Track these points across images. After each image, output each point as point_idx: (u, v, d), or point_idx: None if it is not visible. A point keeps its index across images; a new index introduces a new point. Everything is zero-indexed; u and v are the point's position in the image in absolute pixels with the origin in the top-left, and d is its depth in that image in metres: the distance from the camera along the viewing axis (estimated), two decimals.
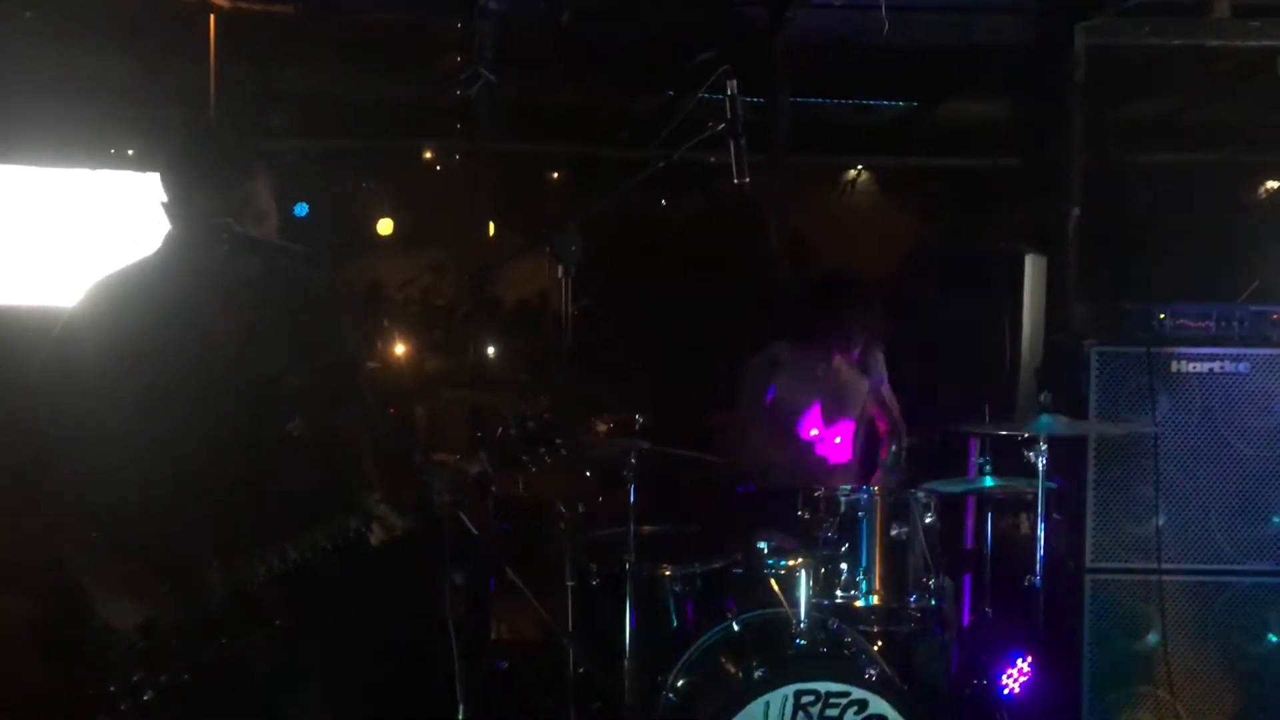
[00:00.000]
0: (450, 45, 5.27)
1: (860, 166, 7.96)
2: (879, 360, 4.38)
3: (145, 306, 2.46)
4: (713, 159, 3.53)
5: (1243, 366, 3.77)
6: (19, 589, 2.49)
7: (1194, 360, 3.78)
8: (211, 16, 5.18)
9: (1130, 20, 4.70)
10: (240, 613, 2.45)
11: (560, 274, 3.45)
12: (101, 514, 2.44)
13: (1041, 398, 3.67)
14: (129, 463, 2.43)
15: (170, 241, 2.53)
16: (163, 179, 2.49)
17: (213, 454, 2.45)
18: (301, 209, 6.50)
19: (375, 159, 7.65)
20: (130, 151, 5.78)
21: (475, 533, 2.51)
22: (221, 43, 5.23)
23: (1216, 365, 3.76)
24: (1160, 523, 3.75)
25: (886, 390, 4.40)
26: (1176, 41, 4.79)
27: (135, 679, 2.40)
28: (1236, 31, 4.80)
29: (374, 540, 2.49)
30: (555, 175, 8.33)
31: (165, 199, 2.50)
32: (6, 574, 2.60)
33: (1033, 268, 4.44)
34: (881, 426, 4.40)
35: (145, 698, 2.40)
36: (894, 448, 3.66)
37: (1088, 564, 3.81)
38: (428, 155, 7.72)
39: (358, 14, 5.32)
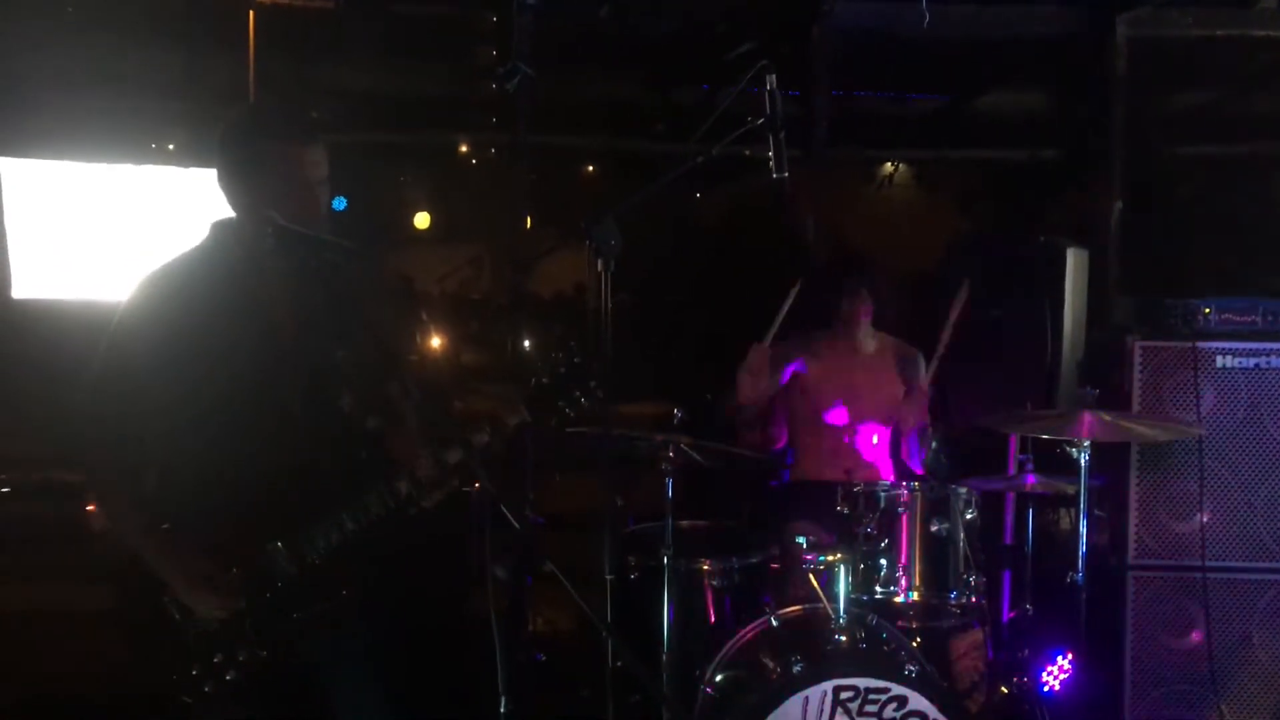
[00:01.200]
0: (487, 39, 5.28)
1: (898, 160, 7.90)
2: (920, 370, 4.33)
3: (201, 294, 2.51)
4: (749, 153, 3.53)
5: None
6: (104, 579, 2.55)
7: (1239, 355, 3.75)
8: (250, 11, 5.22)
9: (1173, 11, 4.63)
10: (307, 587, 2.50)
11: (599, 267, 3.47)
12: (167, 504, 2.49)
13: (1084, 393, 3.65)
14: (191, 452, 2.48)
15: (221, 228, 2.58)
16: (224, 150, 2.54)
17: (273, 436, 2.52)
18: (340, 203, 6.53)
19: (413, 153, 7.67)
20: (171, 146, 5.83)
21: (516, 525, 2.53)
22: (260, 37, 5.27)
23: (1262, 360, 3.72)
24: (1204, 519, 3.71)
25: (919, 397, 4.33)
26: (1220, 32, 4.71)
27: (216, 660, 2.45)
28: None
29: (427, 502, 2.54)
30: (591, 169, 8.32)
31: (224, 174, 2.54)
32: (93, 564, 2.67)
33: (1074, 261, 4.39)
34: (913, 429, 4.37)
35: (228, 677, 2.45)
36: (932, 444, 3.64)
37: (1131, 561, 3.78)
38: (464, 149, 7.74)
39: (395, 7, 5.34)
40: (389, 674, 2.69)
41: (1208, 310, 3.79)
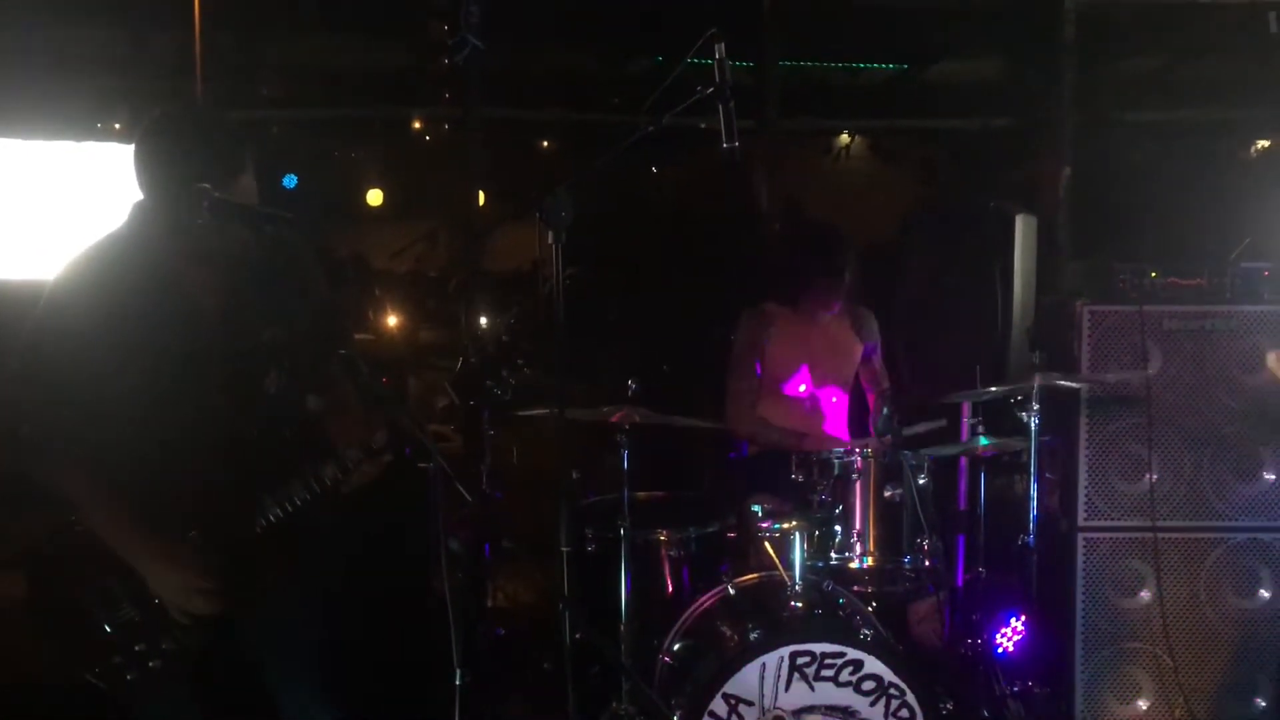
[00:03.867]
0: (439, 12, 5.22)
1: (852, 130, 7.92)
2: (873, 326, 4.37)
3: (125, 276, 2.46)
4: (704, 124, 3.52)
5: (1233, 324, 3.77)
6: (13, 568, 2.50)
7: (1185, 318, 3.79)
8: None
9: None
10: (230, 574, 2.47)
11: (550, 240, 3.45)
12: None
13: (1035, 357, 3.69)
14: (117, 434, 2.44)
15: (143, 211, 2.53)
16: (142, 162, 2.49)
17: (197, 417, 2.47)
18: (290, 180, 6.48)
19: (364, 129, 7.60)
20: (117, 125, 5.74)
21: (469, 499, 2.52)
22: (207, 13, 5.18)
23: (1207, 322, 3.77)
24: (1153, 480, 3.77)
25: (878, 360, 4.40)
26: None
27: (138, 649, 2.42)
28: None
29: (349, 486, 2.51)
30: (546, 143, 8.28)
31: (140, 170, 2.49)
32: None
33: (1023, 228, 4.43)
34: (869, 397, 4.40)
35: (151, 665, 2.43)
36: (885, 410, 3.67)
37: (1080, 522, 3.83)
38: (417, 125, 7.67)
39: None
40: (329, 656, 2.67)
41: (1154, 274, 3.83)
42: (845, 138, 8.07)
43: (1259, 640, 3.79)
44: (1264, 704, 3.75)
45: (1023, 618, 3.92)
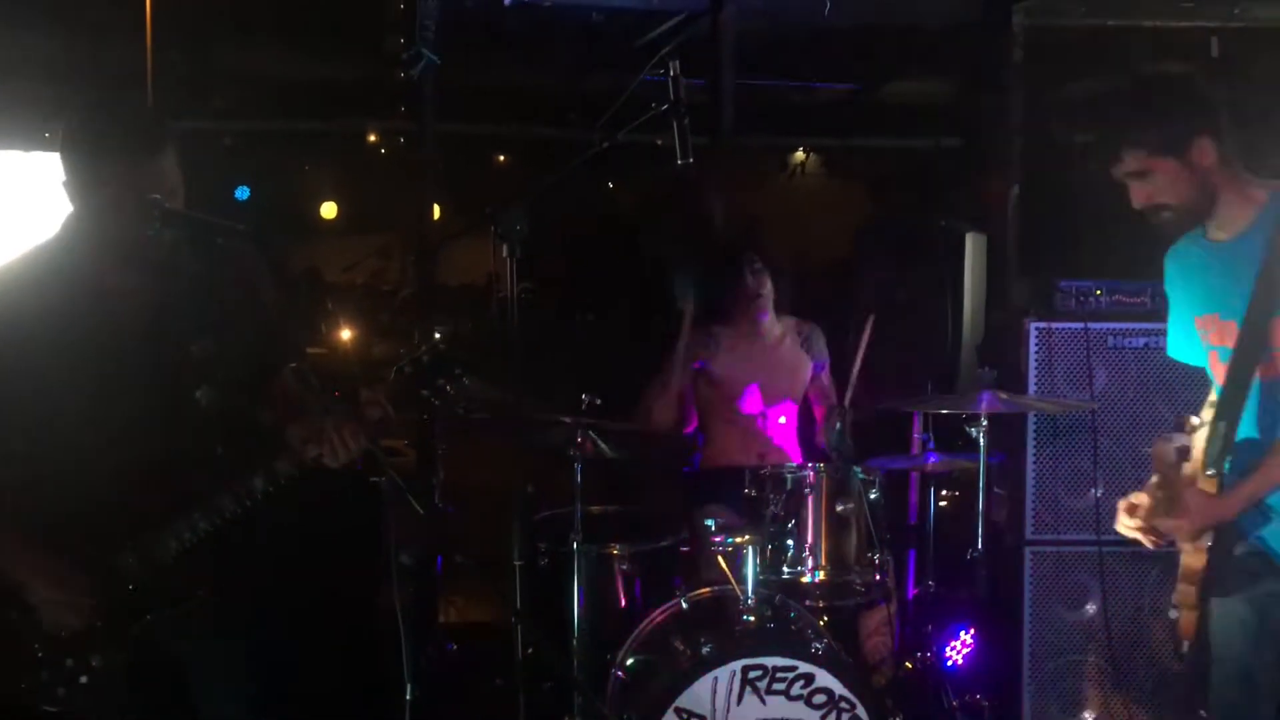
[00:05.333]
0: (394, 25, 5.21)
1: (806, 147, 7.99)
2: (821, 343, 4.42)
3: (49, 286, 2.43)
4: (660, 141, 3.55)
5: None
6: None
7: (1129, 335, 3.87)
8: None
9: (1067, 1, 4.76)
10: (161, 589, 2.44)
11: (505, 255, 3.46)
12: (20, 502, 2.41)
13: (982, 373, 3.75)
14: (39, 447, 2.41)
15: (75, 220, 2.50)
16: (64, 157, 2.45)
17: (122, 431, 2.45)
18: (243, 192, 6.43)
19: (318, 141, 7.56)
20: None
21: (421, 513, 2.51)
22: (159, 23, 5.13)
23: (1151, 339, 3.84)
24: (1098, 495, 3.83)
25: (826, 376, 4.45)
26: (1112, 22, 4.85)
27: (68, 665, 2.39)
28: (1170, 12, 4.87)
29: (335, 457, 2.48)
30: (502, 157, 8.29)
31: (67, 178, 2.45)
32: None
33: (973, 246, 4.50)
34: (817, 412, 4.44)
35: (82, 681, 2.39)
36: (837, 425, 3.71)
37: (1028, 536, 3.89)
38: (372, 138, 7.64)
39: None
40: (265, 670, 2.64)
41: (1099, 292, 3.91)
42: (800, 155, 8.15)
43: (1202, 654, 3.85)
44: (1206, 716, 3.81)
45: (971, 631, 3.97)
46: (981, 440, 3.63)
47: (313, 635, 3.58)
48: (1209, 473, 2.52)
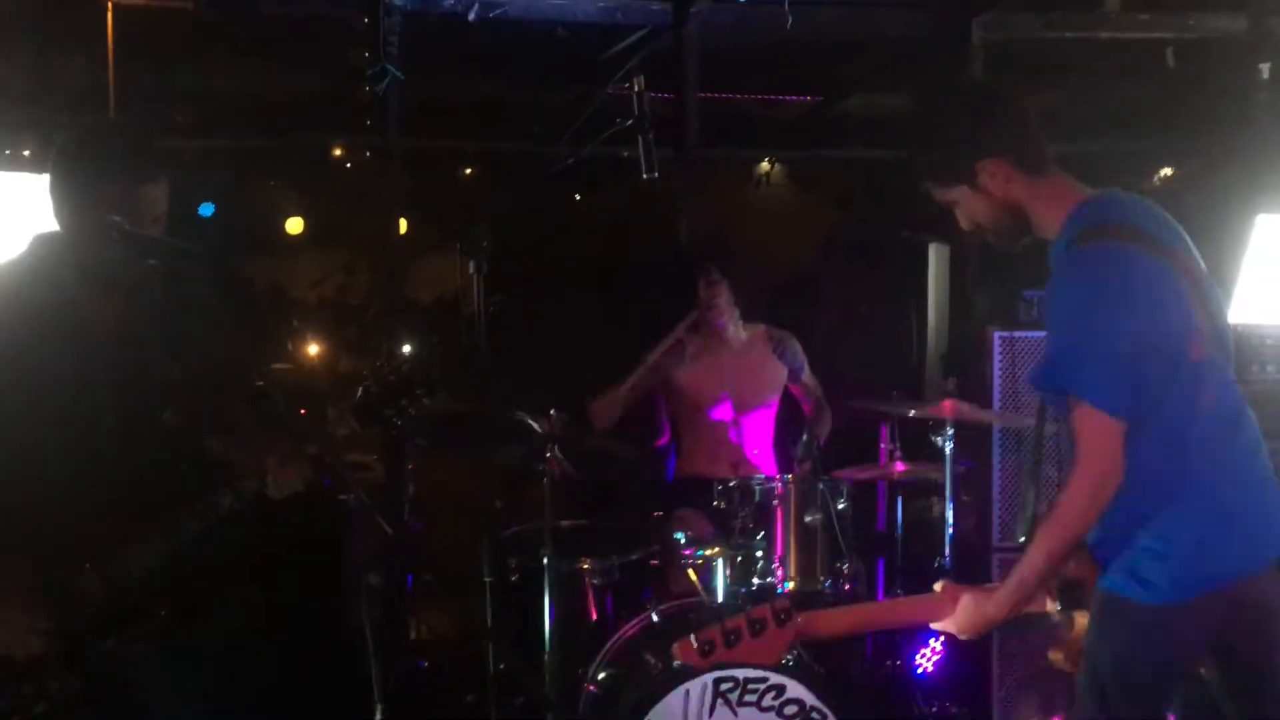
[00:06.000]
0: (359, 40, 5.21)
1: (772, 159, 8.04)
2: (794, 347, 4.44)
3: (18, 307, 2.42)
4: (627, 154, 3.57)
5: None
6: None
7: None
8: (109, 12, 5.05)
9: (1025, 14, 4.84)
10: (123, 611, 2.42)
11: (471, 270, 3.46)
12: None
13: (948, 383, 3.78)
14: (2, 469, 2.39)
15: (43, 242, 2.49)
16: (58, 178, 2.45)
17: (87, 452, 2.43)
18: (207, 209, 6.38)
19: (284, 156, 7.52)
20: (26, 152, 5.61)
21: (389, 531, 2.51)
22: (120, 39, 5.10)
23: None
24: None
25: (808, 376, 4.47)
26: (1069, 34, 4.94)
27: (25, 691, 2.36)
28: (1127, 24, 4.96)
29: (240, 509, 2.48)
30: (469, 171, 8.28)
31: (57, 200, 2.45)
32: None
33: (936, 256, 4.55)
34: (806, 409, 4.44)
35: (38, 710, 2.37)
36: (804, 436, 3.73)
37: (995, 543, 3.92)
38: (338, 152, 7.62)
39: (263, 8, 5.23)
40: (230, 693, 2.63)
41: None
42: (765, 166, 8.19)
43: None
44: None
45: (941, 638, 4.00)
46: (947, 449, 3.67)
47: (279, 656, 3.55)
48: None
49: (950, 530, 3.76)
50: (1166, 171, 7.14)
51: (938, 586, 2.52)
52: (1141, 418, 2.23)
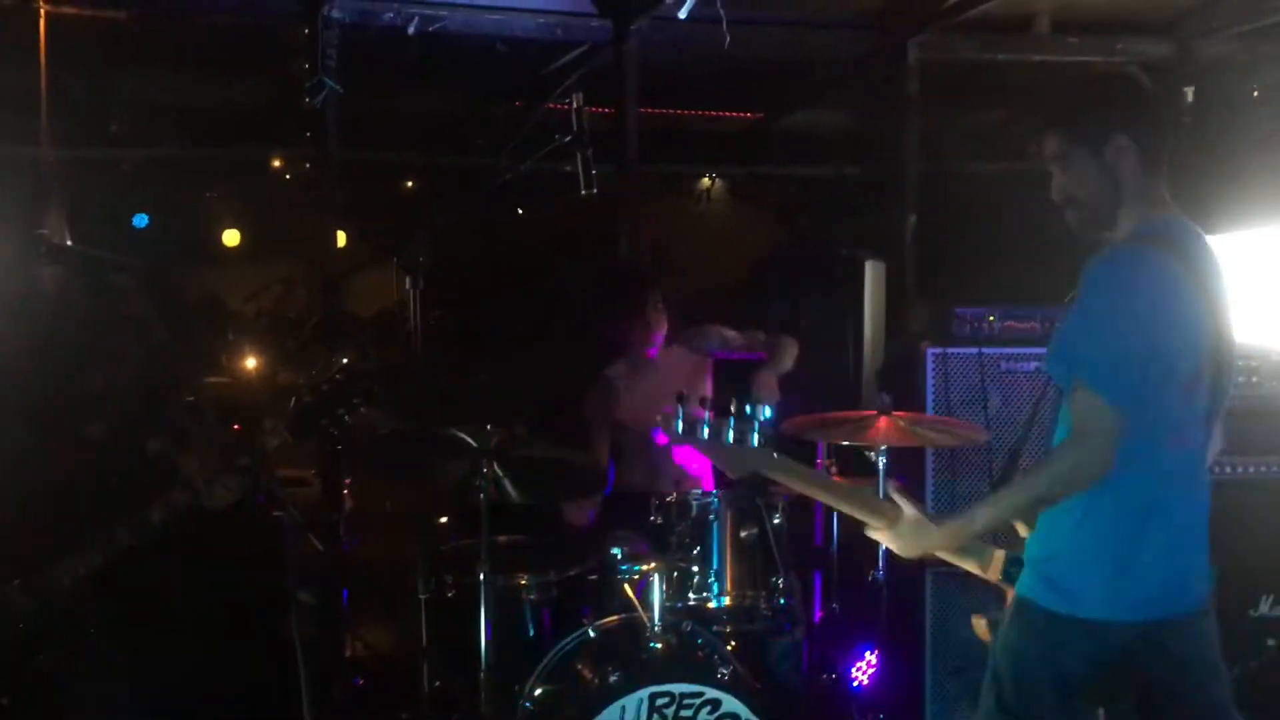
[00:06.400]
0: (299, 50, 5.18)
1: (713, 175, 8.10)
2: (704, 330, 4.40)
3: None
4: (569, 169, 3.58)
5: None
6: None
7: (1020, 359, 3.99)
8: (41, 21, 4.97)
9: (959, 36, 4.92)
10: (51, 627, 2.39)
11: (408, 285, 3.45)
12: None
13: (881, 399, 3.83)
14: None
15: None
16: None
17: (13, 464, 2.40)
18: (141, 220, 6.30)
19: (221, 167, 7.44)
20: None
21: (320, 548, 2.49)
22: (53, 48, 5.02)
23: (1041, 364, 3.96)
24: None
25: (733, 333, 4.40)
26: (1002, 56, 5.04)
27: None
28: (1057, 47, 5.07)
29: (212, 498, 2.45)
30: (410, 184, 8.24)
31: None
32: None
33: (872, 273, 4.61)
34: (762, 357, 4.36)
35: None
36: None
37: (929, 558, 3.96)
38: (277, 164, 7.55)
39: (197, 19, 5.17)
40: (160, 710, 2.59)
41: (992, 318, 4.02)
42: (707, 181, 8.25)
43: None
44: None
45: (876, 652, 4.04)
46: (880, 464, 3.71)
47: (211, 673, 3.50)
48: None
49: (884, 545, 3.79)
50: None
51: (893, 491, 2.57)
52: (1126, 428, 2.29)
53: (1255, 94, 5.54)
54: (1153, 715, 2.51)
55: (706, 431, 2.50)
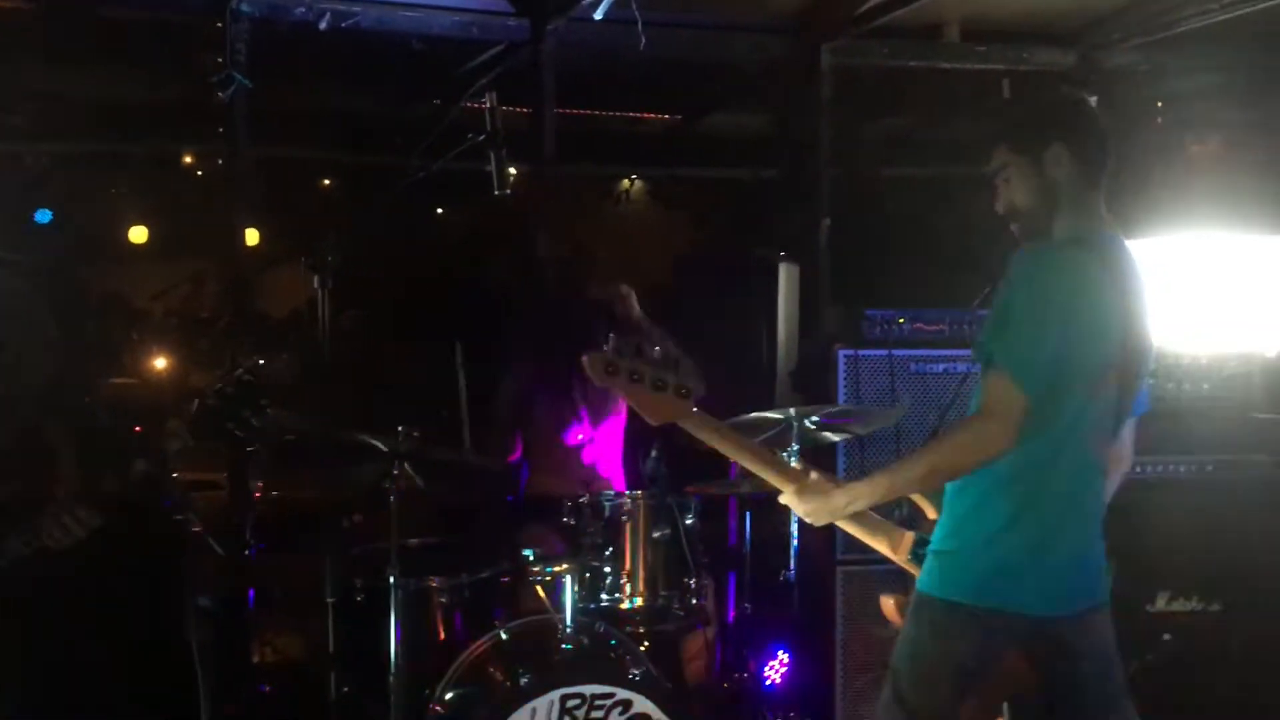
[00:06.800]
0: (209, 44, 5.07)
1: (631, 177, 8.11)
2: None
3: None
4: (488, 168, 3.56)
5: (974, 367, 4.05)
6: None
7: (929, 361, 4.06)
8: None
9: (871, 42, 4.99)
10: None
11: (317, 285, 3.41)
12: None
13: (791, 399, 3.87)
14: None
15: None
16: None
17: None
18: (44, 215, 6.12)
19: (129, 163, 7.25)
20: None
21: (220, 552, 2.44)
22: None
23: (949, 365, 4.05)
24: (903, 514, 3.98)
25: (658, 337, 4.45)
26: (912, 63, 5.12)
27: None
28: (965, 55, 5.17)
29: (55, 541, 2.39)
30: (328, 182, 8.12)
31: None
32: None
33: (786, 275, 4.66)
34: None
35: None
36: (653, 453, 3.76)
37: (839, 556, 4.02)
38: (188, 160, 7.38)
39: (103, 10, 5.04)
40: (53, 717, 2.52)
41: (902, 320, 4.09)
42: (627, 183, 8.26)
43: None
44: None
45: (788, 650, 4.07)
46: (793, 463, 3.74)
47: (108, 683, 3.41)
48: None
49: (795, 544, 3.84)
50: None
51: (798, 461, 2.61)
52: (1033, 419, 2.36)
53: (1159, 104, 5.71)
54: (1055, 708, 2.58)
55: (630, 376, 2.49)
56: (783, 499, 2.67)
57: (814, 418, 3.66)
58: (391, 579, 3.44)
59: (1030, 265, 2.47)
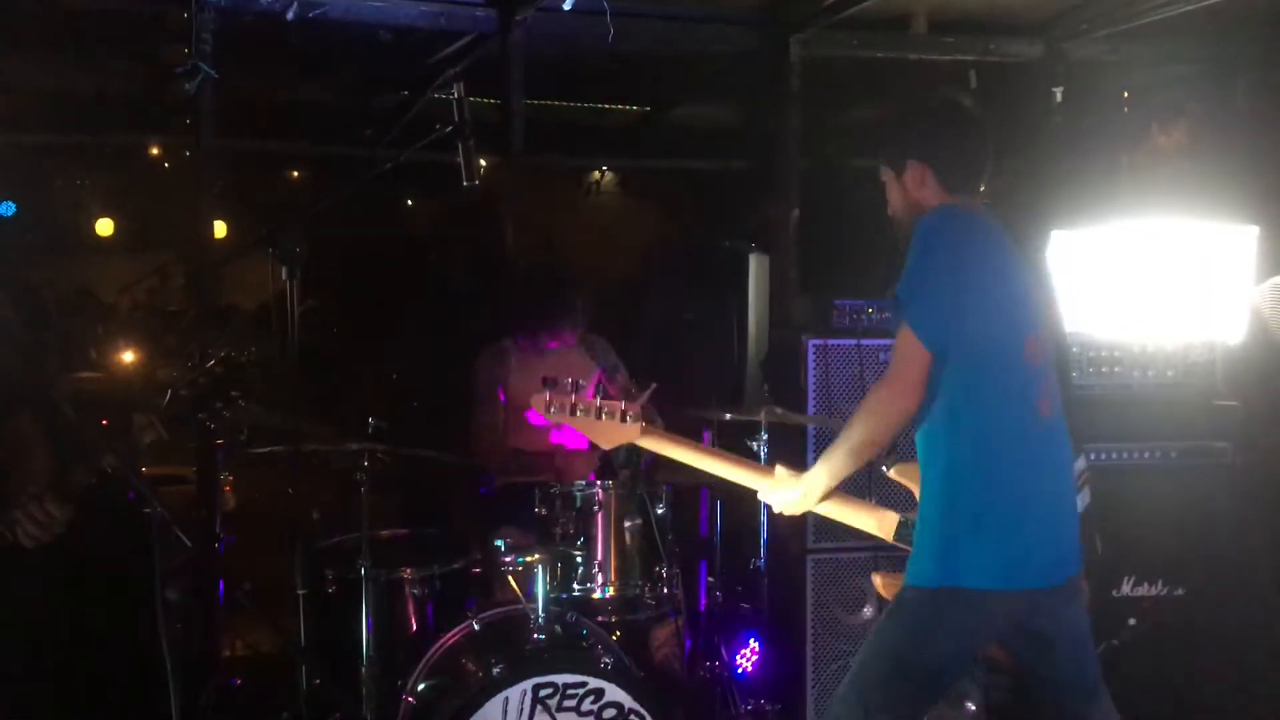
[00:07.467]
0: (175, 35, 5.03)
1: (600, 168, 8.10)
2: (605, 348, 4.48)
3: None
4: (456, 159, 3.54)
5: None
6: None
7: None
8: None
9: (840, 33, 5.01)
10: None
11: (284, 275, 3.38)
12: None
13: (764, 389, 3.89)
14: None
15: None
16: None
17: None
18: (7, 208, 6.05)
19: (95, 155, 7.18)
20: None
21: (189, 544, 2.43)
22: None
23: None
24: (873, 503, 4.01)
25: (623, 378, 4.50)
26: (880, 54, 5.14)
27: None
28: (933, 46, 5.20)
29: (30, 537, 2.37)
30: (296, 174, 8.08)
31: None
32: None
33: (756, 266, 4.68)
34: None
35: None
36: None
37: (809, 545, 4.05)
38: (155, 152, 7.32)
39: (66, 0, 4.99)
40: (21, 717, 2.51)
41: (870, 310, 4.12)
42: (597, 174, 8.26)
43: None
44: (973, 708, 4.05)
45: (759, 638, 4.10)
46: (762, 452, 3.77)
47: (77, 677, 3.39)
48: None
49: (765, 533, 3.86)
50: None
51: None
52: (967, 389, 2.44)
53: (1125, 94, 5.76)
54: (1030, 695, 2.61)
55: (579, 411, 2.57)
56: (760, 496, 2.82)
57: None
58: (363, 570, 3.45)
59: (933, 221, 2.58)
